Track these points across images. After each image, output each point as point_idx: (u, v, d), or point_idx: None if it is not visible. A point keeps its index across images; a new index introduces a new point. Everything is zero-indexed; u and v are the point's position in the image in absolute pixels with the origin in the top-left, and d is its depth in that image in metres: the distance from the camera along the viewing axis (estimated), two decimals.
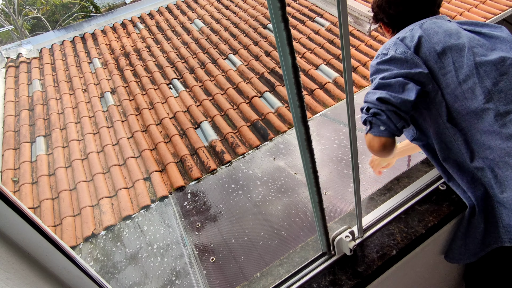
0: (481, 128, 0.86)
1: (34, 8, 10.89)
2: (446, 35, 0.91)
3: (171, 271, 1.85)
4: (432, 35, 0.92)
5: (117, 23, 5.32)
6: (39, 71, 4.35)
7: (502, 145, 0.83)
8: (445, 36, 0.91)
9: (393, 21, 1.07)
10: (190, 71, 4.14)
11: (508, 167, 0.83)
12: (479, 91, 0.85)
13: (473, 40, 0.90)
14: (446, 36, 0.91)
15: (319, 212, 0.79)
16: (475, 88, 0.86)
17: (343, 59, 0.67)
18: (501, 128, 0.83)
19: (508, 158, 0.82)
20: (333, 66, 3.91)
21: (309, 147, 0.66)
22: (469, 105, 0.86)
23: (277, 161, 2.56)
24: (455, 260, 1.08)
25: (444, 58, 0.89)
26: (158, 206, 2.49)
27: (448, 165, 0.97)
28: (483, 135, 0.86)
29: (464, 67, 0.87)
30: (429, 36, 0.92)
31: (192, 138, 3.11)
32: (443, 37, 0.91)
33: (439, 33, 0.92)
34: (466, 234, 1.00)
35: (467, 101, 0.87)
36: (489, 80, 0.85)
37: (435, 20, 0.97)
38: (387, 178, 1.40)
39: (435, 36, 0.92)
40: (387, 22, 1.10)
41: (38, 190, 2.82)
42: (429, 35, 0.93)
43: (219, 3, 5.67)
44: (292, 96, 0.58)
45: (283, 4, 0.47)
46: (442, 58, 0.89)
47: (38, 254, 0.58)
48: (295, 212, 1.99)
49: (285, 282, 0.87)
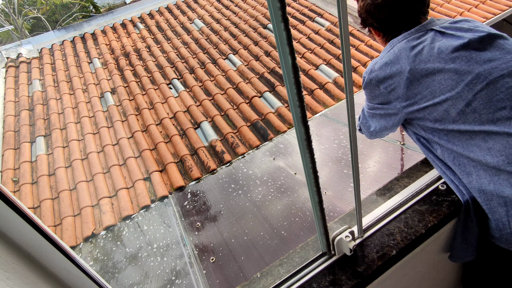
0: (463, 141, 0.91)
1: (34, 8, 10.90)
2: (416, 60, 0.93)
3: (171, 271, 1.85)
4: (403, 61, 0.95)
5: (117, 23, 5.32)
6: (39, 71, 4.36)
7: (480, 157, 0.88)
8: (415, 61, 0.93)
9: (384, 26, 1.07)
10: (190, 71, 4.14)
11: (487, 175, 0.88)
12: (453, 112, 0.89)
13: (447, 59, 0.91)
14: (416, 61, 0.93)
15: (319, 212, 0.79)
16: (449, 109, 0.90)
17: (343, 59, 0.67)
18: (482, 142, 0.88)
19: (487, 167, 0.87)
20: (333, 66, 3.91)
21: (309, 147, 0.66)
22: (447, 125, 0.92)
23: (277, 161, 2.56)
24: (460, 259, 1.08)
25: (417, 84, 0.93)
26: (158, 206, 2.49)
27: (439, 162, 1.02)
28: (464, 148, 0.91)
29: (437, 91, 0.91)
30: (400, 62, 0.95)
31: (192, 138, 3.11)
32: (413, 62, 0.93)
33: (410, 57, 0.94)
34: (465, 229, 1.01)
35: (444, 121, 0.92)
36: (462, 101, 0.88)
37: (410, 40, 0.97)
38: (387, 178, 1.40)
39: (405, 62, 0.94)
40: (377, 27, 1.10)
41: (38, 190, 2.82)
42: (400, 61, 0.95)
43: (219, 3, 5.68)
44: (292, 96, 0.58)
45: (283, 4, 0.47)
46: (415, 84, 0.93)
47: (38, 254, 0.58)
48: (295, 212, 1.99)
49: (285, 282, 0.87)
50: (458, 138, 0.92)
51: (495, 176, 0.87)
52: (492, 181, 0.87)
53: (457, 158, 0.95)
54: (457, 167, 0.96)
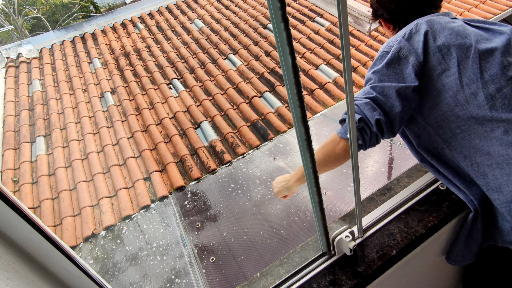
0: (481, 134, 0.84)
1: (34, 8, 10.89)
2: (453, 33, 0.87)
3: (171, 271, 1.85)
4: (438, 32, 0.87)
5: (117, 23, 5.32)
6: (39, 71, 4.35)
7: (501, 152, 0.81)
8: (452, 34, 0.87)
9: (395, 17, 1.03)
10: (190, 71, 4.14)
11: (504, 174, 0.81)
12: (481, 97, 0.82)
13: (480, 40, 0.86)
14: (453, 34, 0.86)
15: (319, 212, 0.79)
16: (478, 93, 0.82)
17: (343, 59, 0.67)
18: (503, 135, 0.81)
19: (506, 165, 0.81)
20: (333, 66, 3.91)
21: (309, 147, 0.66)
22: (471, 110, 0.83)
23: (277, 161, 2.56)
24: (458, 262, 1.07)
25: (449, 59, 0.85)
26: (158, 206, 2.49)
27: (445, 170, 0.96)
28: (482, 141, 0.84)
29: (468, 69, 0.83)
30: (434, 33, 0.88)
31: (192, 138, 3.11)
32: (449, 35, 0.86)
33: (445, 30, 0.87)
34: (469, 237, 0.99)
35: (468, 105, 0.83)
36: (493, 85, 0.81)
37: (441, 16, 0.93)
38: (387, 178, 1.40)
39: (440, 33, 0.87)
40: (388, 18, 1.05)
41: (38, 190, 2.82)
42: (434, 32, 0.88)
43: (219, 3, 5.67)
44: (292, 96, 0.58)
45: (283, 4, 0.47)
46: (447, 59, 0.85)
47: (38, 254, 0.58)
48: (294, 212, 1.99)
49: (285, 282, 0.87)
50: (476, 129, 0.83)
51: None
52: (510, 180, 0.80)
53: (470, 158, 0.87)
54: (470, 167, 0.88)
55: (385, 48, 0.93)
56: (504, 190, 0.82)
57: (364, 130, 0.90)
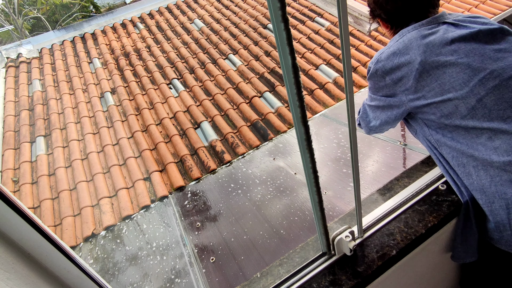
0: (467, 139, 0.89)
1: (34, 8, 10.89)
2: (427, 50, 0.90)
3: (171, 271, 1.85)
4: (414, 51, 0.91)
5: (117, 23, 5.32)
6: (39, 71, 4.35)
7: (485, 156, 0.86)
8: (426, 52, 0.90)
9: (391, 18, 1.04)
10: (190, 71, 4.14)
11: (488, 176, 0.86)
12: (462, 107, 0.86)
13: (460, 52, 0.88)
14: (427, 52, 0.89)
15: (319, 212, 0.79)
16: (459, 104, 0.87)
17: (343, 59, 0.67)
18: (487, 141, 0.85)
19: (490, 167, 0.86)
20: (333, 66, 3.91)
21: (309, 147, 0.66)
22: (454, 120, 0.89)
23: (277, 161, 2.56)
24: (461, 259, 1.08)
25: (426, 76, 0.90)
26: (158, 206, 2.49)
27: (440, 162, 1.01)
28: (468, 146, 0.89)
29: (446, 84, 0.87)
30: (409, 52, 0.92)
31: (192, 138, 3.11)
32: (423, 53, 0.90)
33: (420, 47, 0.90)
34: (464, 229, 1.01)
35: (451, 116, 0.88)
36: (473, 96, 0.85)
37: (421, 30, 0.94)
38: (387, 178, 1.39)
39: (416, 52, 0.91)
40: (385, 19, 1.07)
41: (38, 190, 2.82)
42: (409, 51, 0.92)
43: (219, 3, 5.67)
44: (292, 96, 0.58)
45: (283, 4, 0.47)
46: (424, 76, 0.90)
47: (38, 254, 0.58)
48: (294, 212, 1.99)
49: (285, 282, 0.87)
50: (463, 135, 0.89)
51: (496, 177, 0.85)
52: (493, 182, 0.86)
53: (457, 158, 0.92)
54: (456, 167, 0.94)
55: (370, 62, 1.05)
56: (487, 191, 0.87)
57: None
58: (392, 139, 2.27)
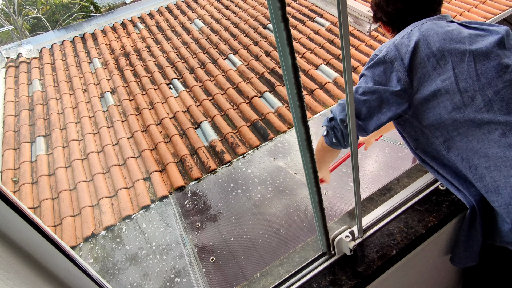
0: (479, 136, 0.84)
1: (34, 8, 10.89)
2: (447, 38, 0.87)
3: (171, 271, 1.85)
4: (432, 38, 0.88)
5: (117, 23, 5.32)
6: (39, 71, 4.35)
7: (499, 154, 0.82)
8: (445, 39, 0.87)
9: (392, 20, 1.04)
10: (190, 71, 4.14)
11: (502, 176, 0.82)
12: (479, 100, 0.83)
13: (475, 43, 0.86)
14: (447, 39, 0.87)
15: (319, 212, 0.79)
16: (476, 96, 0.83)
17: (343, 59, 0.67)
18: (501, 137, 0.81)
19: (504, 167, 0.81)
20: (333, 66, 3.91)
21: (309, 147, 0.66)
22: (468, 113, 0.84)
23: (277, 161, 2.56)
24: (462, 264, 1.07)
25: (444, 64, 0.85)
26: (158, 206, 2.49)
27: (444, 172, 0.97)
28: (480, 143, 0.84)
29: (464, 73, 0.84)
30: (427, 39, 0.88)
31: (192, 138, 3.11)
32: (443, 40, 0.87)
33: (439, 35, 0.88)
34: (468, 237, 0.99)
35: (466, 108, 0.84)
36: (491, 88, 0.82)
37: (436, 21, 0.93)
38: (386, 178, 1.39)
39: (434, 39, 0.88)
40: (386, 21, 1.06)
41: (38, 190, 2.82)
42: (427, 38, 0.88)
43: (219, 3, 5.67)
44: (292, 96, 0.58)
45: (283, 4, 0.47)
46: (441, 64, 0.86)
47: (38, 254, 0.58)
48: (294, 212, 1.99)
49: (285, 282, 0.87)
50: (474, 132, 0.84)
51: (511, 177, 0.80)
52: (508, 182, 0.80)
53: (468, 160, 0.87)
54: (467, 170, 0.88)
55: (376, 51, 0.96)
56: (503, 192, 0.82)
57: (335, 128, 1.00)
58: (391, 139, 2.27)
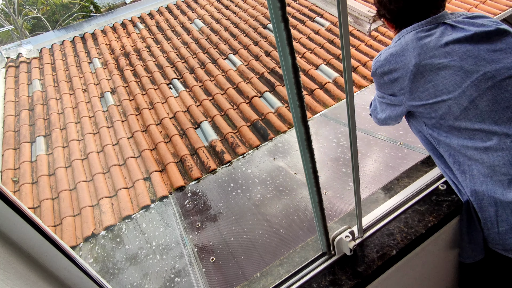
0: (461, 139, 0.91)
1: (34, 8, 10.89)
2: (423, 51, 0.91)
3: (171, 271, 1.85)
4: (411, 52, 0.93)
5: (117, 23, 5.32)
6: (39, 71, 4.35)
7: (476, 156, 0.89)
8: (422, 53, 0.91)
9: (395, 17, 1.06)
10: (190, 71, 4.14)
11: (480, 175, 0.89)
12: (455, 109, 0.89)
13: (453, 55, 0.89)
14: (423, 54, 0.91)
15: (319, 212, 0.79)
16: (452, 106, 0.89)
17: (343, 59, 0.67)
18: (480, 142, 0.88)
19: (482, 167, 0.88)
20: (333, 66, 3.91)
21: (309, 147, 0.66)
22: (448, 121, 0.91)
23: (277, 161, 2.56)
24: (470, 258, 1.07)
25: (421, 78, 0.92)
26: (158, 206, 2.49)
27: (440, 161, 1.04)
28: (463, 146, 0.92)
29: (439, 85, 0.90)
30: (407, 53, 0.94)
31: (192, 138, 3.11)
32: (421, 55, 0.91)
33: (416, 49, 0.92)
34: (469, 228, 1.01)
35: (445, 116, 0.91)
36: (465, 98, 0.87)
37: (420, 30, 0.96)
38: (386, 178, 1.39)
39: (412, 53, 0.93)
40: (389, 18, 1.08)
41: (38, 190, 2.82)
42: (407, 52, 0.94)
43: (219, 3, 5.67)
44: (292, 96, 0.58)
45: (283, 4, 0.47)
46: (419, 77, 0.92)
47: (38, 254, 0.58)
48: (294, 212, 1.99)
49: (285, 282, 0.87)
50: (457, 136, 0.92)
51: (487, 177, 0.88)
52: (485, 182, 0.88)
53: (453, 156, 0.95)
54: (452, 165, 0.97)
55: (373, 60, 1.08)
56: (478, 190, 0.90)
57: None
58: (391, 139, 2.28)
